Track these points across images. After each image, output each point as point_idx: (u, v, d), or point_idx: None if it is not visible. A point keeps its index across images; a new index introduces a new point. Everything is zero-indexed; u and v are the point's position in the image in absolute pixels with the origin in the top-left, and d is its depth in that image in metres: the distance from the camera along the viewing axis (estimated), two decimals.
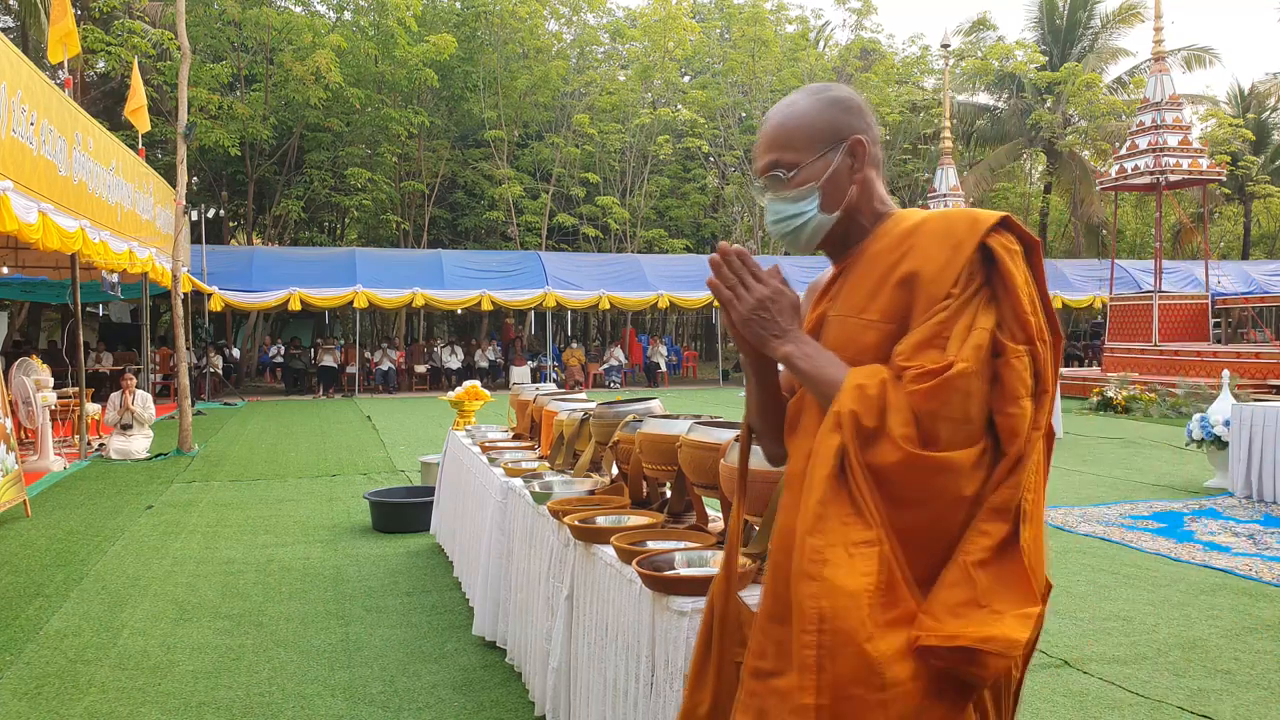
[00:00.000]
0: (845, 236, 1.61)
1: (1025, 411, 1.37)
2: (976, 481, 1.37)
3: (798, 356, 1.51)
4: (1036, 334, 1.39)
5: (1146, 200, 31.65)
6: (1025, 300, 1.40)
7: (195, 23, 21.66)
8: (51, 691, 3.82)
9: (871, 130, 1.57)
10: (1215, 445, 8.22)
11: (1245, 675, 3.84)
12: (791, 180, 1.58)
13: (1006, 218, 1.46)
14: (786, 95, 1.64)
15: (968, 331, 1.39)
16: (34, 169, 8.22)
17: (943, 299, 1.41)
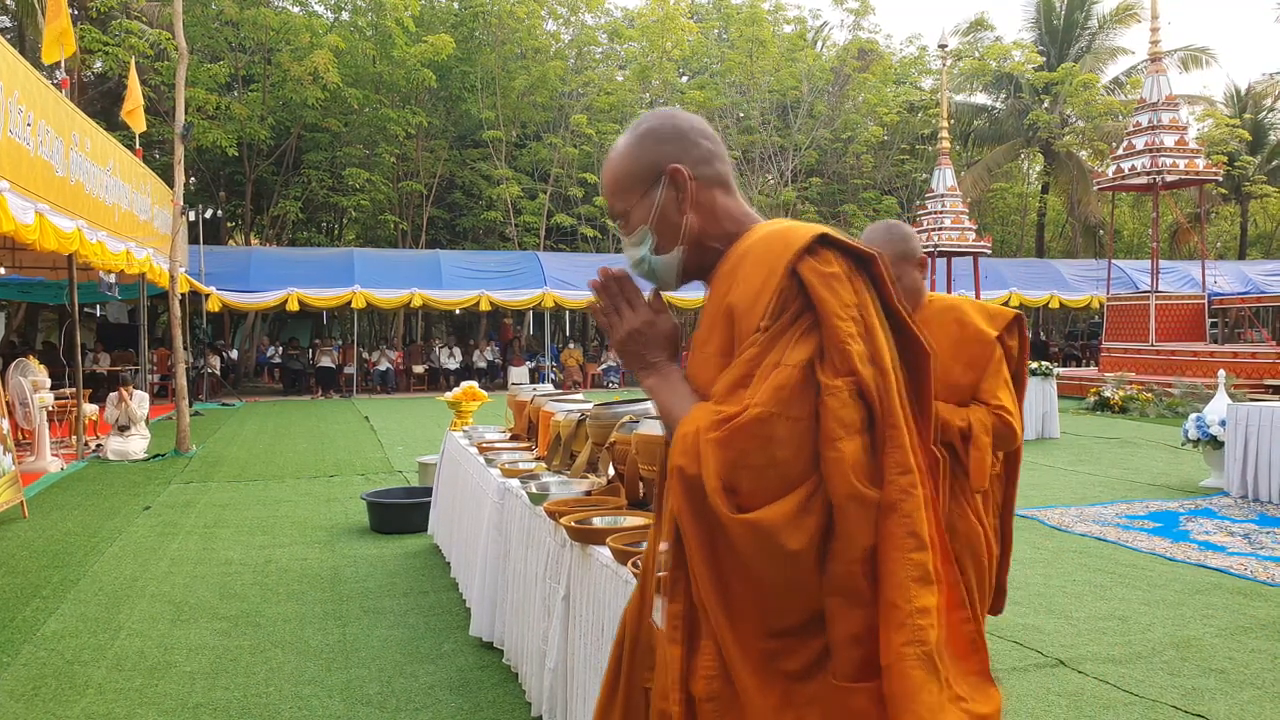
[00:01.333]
0: (706, 266, 1.49)
1: (844, 455, 1.22)
2: (805, 532, 1.23)
3: (656, 390, 1.45)
4: (861, 361, 1.25)
5: (1144, 200, 31.69)
6: (843, 327, 1.25)
7: (193, 23, 21.63)
8: (49, 692, 3.82)
9: (693, 152, 1.46)
10: (1211, 445, 8.24)
11: (1240, 674, 3.85)
12: (625, 227, 1.52)
13: (823, 235, 1.32)
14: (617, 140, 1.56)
15: (772, 369, 1.26)
16: (31, 169, 8.22)
17: (753, 333, 1.30)
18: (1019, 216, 36.38)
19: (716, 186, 1.48)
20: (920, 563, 1.21)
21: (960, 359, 2.53)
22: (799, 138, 29.30)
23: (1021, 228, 36.28)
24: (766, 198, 29.07)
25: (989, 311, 2.60)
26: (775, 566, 1.24)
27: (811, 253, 1.31)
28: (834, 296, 1.27)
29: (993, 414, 2.48)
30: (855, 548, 1.23)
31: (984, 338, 2.55)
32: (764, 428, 1.24)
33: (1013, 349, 2.61)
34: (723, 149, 1.52)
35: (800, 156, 29.40)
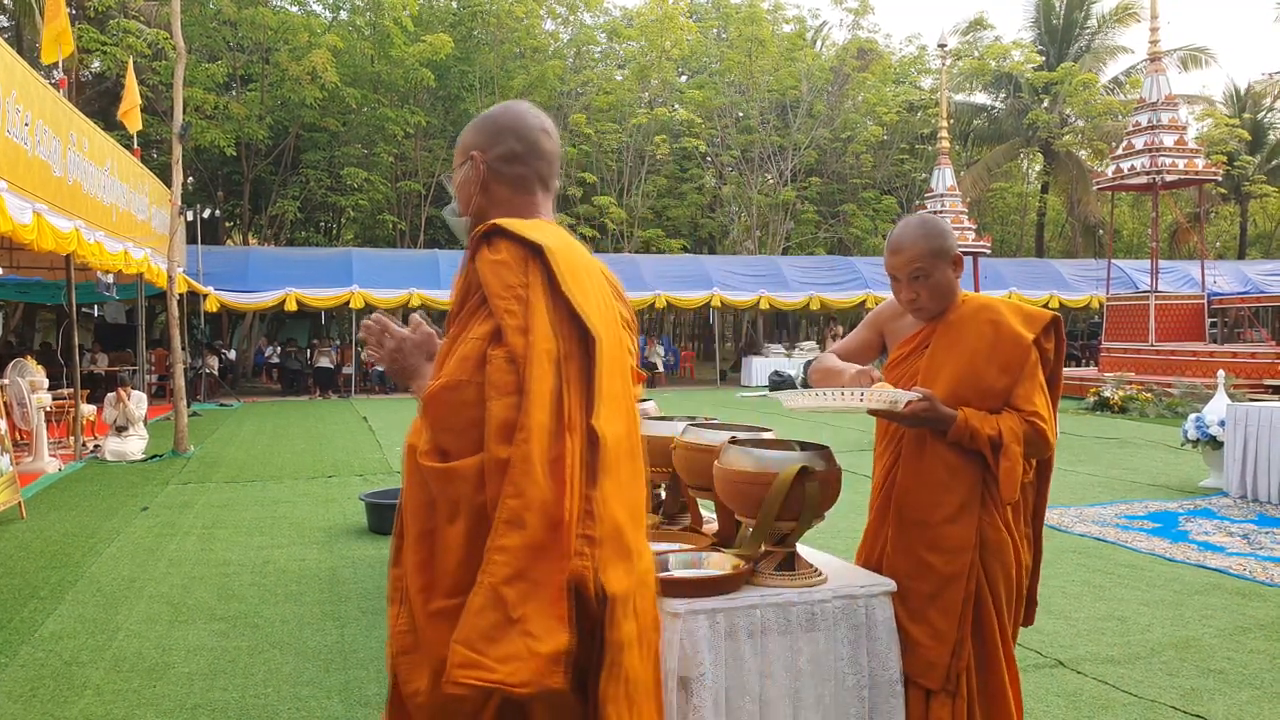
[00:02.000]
0: None
1: (492, 414, 1.42)
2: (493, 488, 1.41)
3: (414, 391, 1.70)
4: (514, 334, 1.44)
5: (1143, 200, 31.71)
6: (501, 304, 1.46)
7: (190, 22, 21.62)
8: (46, 694, 3.81)
9: (497, 148, 1.70)
10: (1210, 445, 8.24)
11: (1238, 675, 3.85)
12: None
13: (496, 226, 1.53)
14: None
15: (461, 344, 1.49)
16: (28, 169, 8.21)
17: (458, 313, 1.55)
18: (1018, 216, 36.41)
19: (507, 183, 1.71)
20: (511, 508, 1.38)
21: (995, 362, 2.41)
22: (798, 137, 29.31)
23: (1021, 227, 36.31)
24: (766, 197, 29.08)
25: (1025, 313, 2.49)
26: (473, 518, 1.42)
27: (487, 243, 1.53)
28: (497, 279, 1.48)
29: (1025, 421, 2.37)
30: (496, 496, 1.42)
31: (1020, 341, 2.42)
32: (454, 393, 1.45)
33: (1049, 352, 2.50)
34: (541, 158, 1.72)
35: (800, 156, 29.41)
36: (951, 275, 2.50)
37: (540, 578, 1.39)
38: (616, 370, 1.54)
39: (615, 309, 1.67)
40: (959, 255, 2.53)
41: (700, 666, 2.10)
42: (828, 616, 2.23)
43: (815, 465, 2.23)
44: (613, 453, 1.48)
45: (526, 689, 1.35)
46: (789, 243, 29.95)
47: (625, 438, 1.55)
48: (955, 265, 2.51)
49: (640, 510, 1.61)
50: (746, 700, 2.14)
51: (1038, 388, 2.41)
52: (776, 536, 2.29)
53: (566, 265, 1.51)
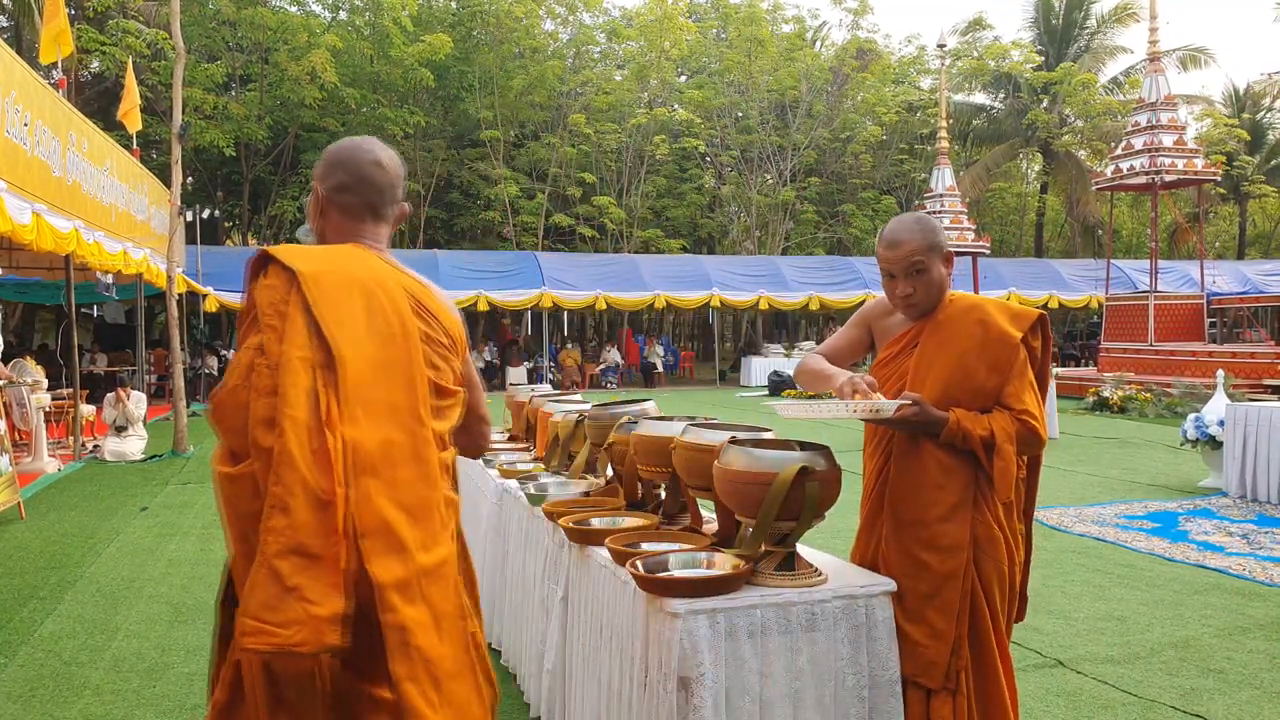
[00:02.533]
0: None
1: (254, 412, 1.62)
2: None
3: None
4: (272, 343, 1.65)
5: (1142, 200, 31.71)
6: (265, 320, 1.68)
7: (190, 22, 21.62)
8: (46, 694, 3.81)
9: (329, 179, 1.96)
10: (1210, 445, 8.24)
11: (1238, 675, 3.85)
12: None
13: (265, 254, 1.74)
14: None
15: (239, 353, 1.71)
16: (28, 170, 8.20)
17: (241, 330, 1.78)
18: (1018, 216, 36.42)
19: (338, 210, 1.96)
20: (276, 494, 1.55)
21: (984, 361, 2.42)
22: (798, 137, 29.31)
23: (1020, 227, 36.32)
24: (765, 197, 29.08)
25: (1012, 312, 2.51)
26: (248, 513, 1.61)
27: (262, 269, 1.74)
28: (265, 299, 1.70)
29: (1017, 419, 2.39)
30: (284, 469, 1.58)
31: (1008, 339, 2.43)
32: (233, 396, 1.66)
33: (1036, 349, 2.51)
34: (369, 188, 1.97)
35: (799, 156, 29.41)
36: (944, 272, 2.51)
37: (313, 552, 1.54)
38: (382, 381, 1.70)
39: (407, 325, 1.79)
40: (950, 253, 2.54)
41: (700, 666, 2.10)
42: (828, 616, 2.23)
43: (815, 465, 2.23)
44: (374, 456, 1.64)
45: (307, 648, 1.50)
46: (788, 243, 29.95)
47: (396, 444, 1.69)
48: (947, 262, 2.52)
49: (425, 509, 1.72)
50: (746, 700, 2.14)
51: (1027, 385, 2.41)
52: (776, 536, 2.29)
53: (323, 289, 1.70)
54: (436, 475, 1.76)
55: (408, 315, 1.79)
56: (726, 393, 21.75)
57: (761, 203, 29.04)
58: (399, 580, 1.61)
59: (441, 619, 1.71)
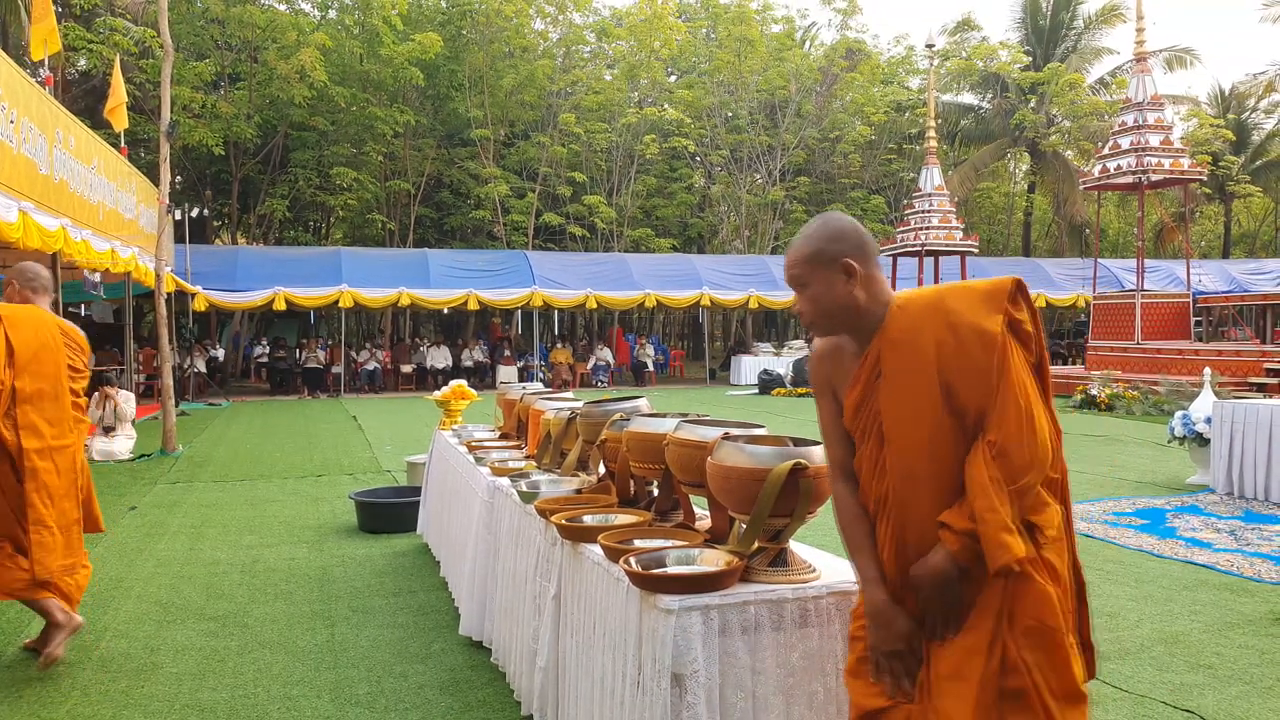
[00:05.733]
0: None
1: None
2: None
3: None
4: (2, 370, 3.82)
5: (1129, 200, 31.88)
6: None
7: (178, 20, 21.51)
8: (33, 695, 3.78)
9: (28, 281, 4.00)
10: (1197, 442, 8.29)
11: (1227, 670, 3.87)
12: None
13: None
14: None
15: None
16: (14, 167, 8.15)
17: None
18: (1005, 215, 36.57)
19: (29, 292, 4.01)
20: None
21: (965, 378, 1.87)
22: (787, 137, 29.36)
23: (1008, 227, 36.47)
24: (755, 197, 29.12)
25: (979, 293, 1.94)
26: None
27: None
28: None
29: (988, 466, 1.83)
30: None
31: (987, 337, 1.87)
32: None
33: (1024, 324, 1.93)
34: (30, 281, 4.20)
35: (788, 156, 29.46)
36: (841, 287, 1.98)
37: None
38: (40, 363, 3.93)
39: (56, 338, 4.06)
40: (849, 263, 1.97)
41: (694, 663, 2.10)
42: (821, 613, 2.23)
43: (809, 461, 2.23)
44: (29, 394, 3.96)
45: None
46: (778, 242, 30.00)
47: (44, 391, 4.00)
48: (847, 273, 1.98)
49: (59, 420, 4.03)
50: (740, 697, 2.14)
51: (1010, 397, 1.86)
52: (770, 533, 2.29)
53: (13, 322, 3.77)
54: (68, 406, 4.08)
55: (57, 334, 4.09)
56: (716, 391, 21.77)
57: (751, 202, 29.07)
58: (37, 449, 3.93)
59: (61, 471, 4.00)
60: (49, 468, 3.92)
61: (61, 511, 3.96)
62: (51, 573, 3.90)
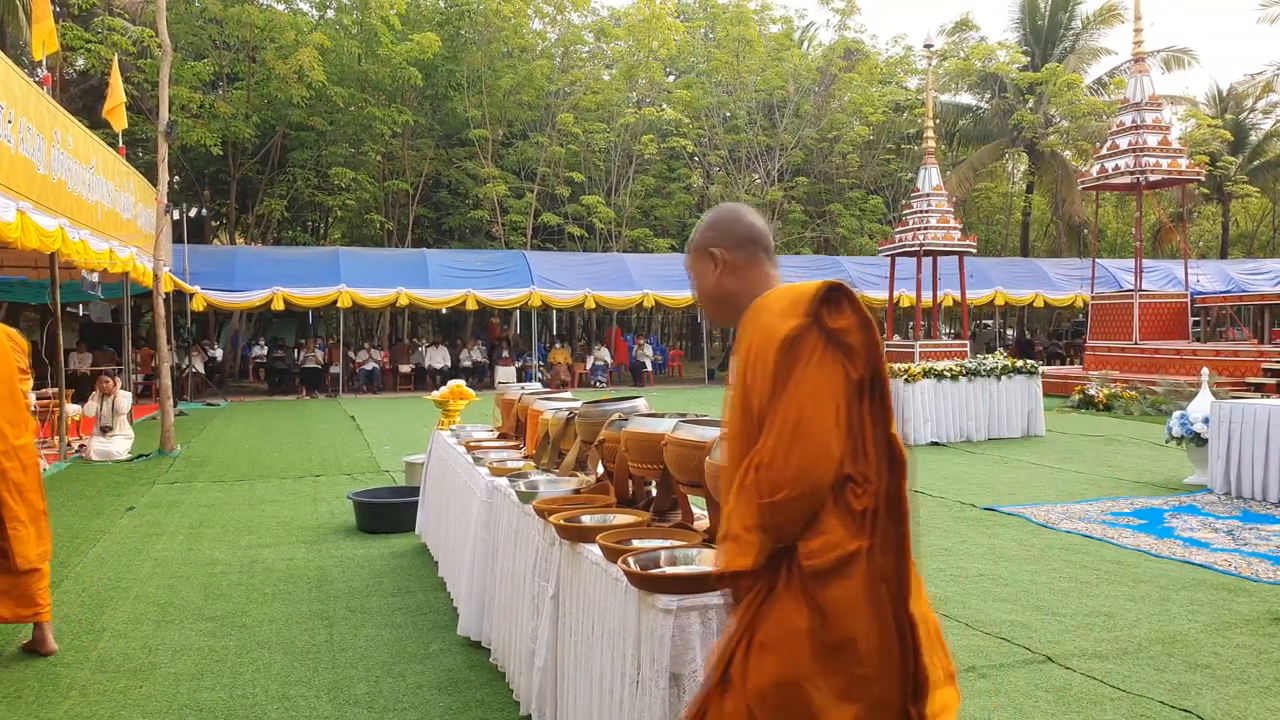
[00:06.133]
0: None
1: None
2: None
3: None
4: None
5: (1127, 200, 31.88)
6: None
7: (176, 20, 21.47)
8: (31, 694, 3.78)
9: None
10: (1195, 442, 8.30)
11: (1225, 669, 3.88)
12: None
13: None
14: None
15: None
16: (11, 167, 8.14)
17: None
18: (1004, 216, 36.58)
19: None
20: None
21: (758, 382, 1.74)
22: (785, 137, 29.36)
23: (1006, 227, 36.48)
24: (753, 197, 29.11)
25: (792, 294, 1.77)
26: None
27: None
28: None
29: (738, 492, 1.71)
30: None
31: (772, 340, 1.72)
32: None
33: (843, 333, 1.72)
34: None
35: (786, 156, 29.46)
36: (710, 276, 1.95)
37: None
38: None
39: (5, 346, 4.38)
40: (714, 251, 1.95)
41: (692, 663, 2.10)
42: None
43: None
44: None
45: None
46: (776, 242, 29.67)
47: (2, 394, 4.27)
48: (714, 263, 1.95)
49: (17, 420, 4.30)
50: None
51: (782, 407, 1.69)
52: None
53: None
54: (23, 406, 4.39)
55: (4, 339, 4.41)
56: (715, 391, 21.77)
57: (749, 202, 29.07)
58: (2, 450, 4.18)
59: (26, 468, 4.28)
60: (15, 466, 4.22)
61: (29, 504, 4.27)
62: (30, 561, 4.19)
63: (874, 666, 1.68)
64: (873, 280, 24.24)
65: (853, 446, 1.70)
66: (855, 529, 1.70)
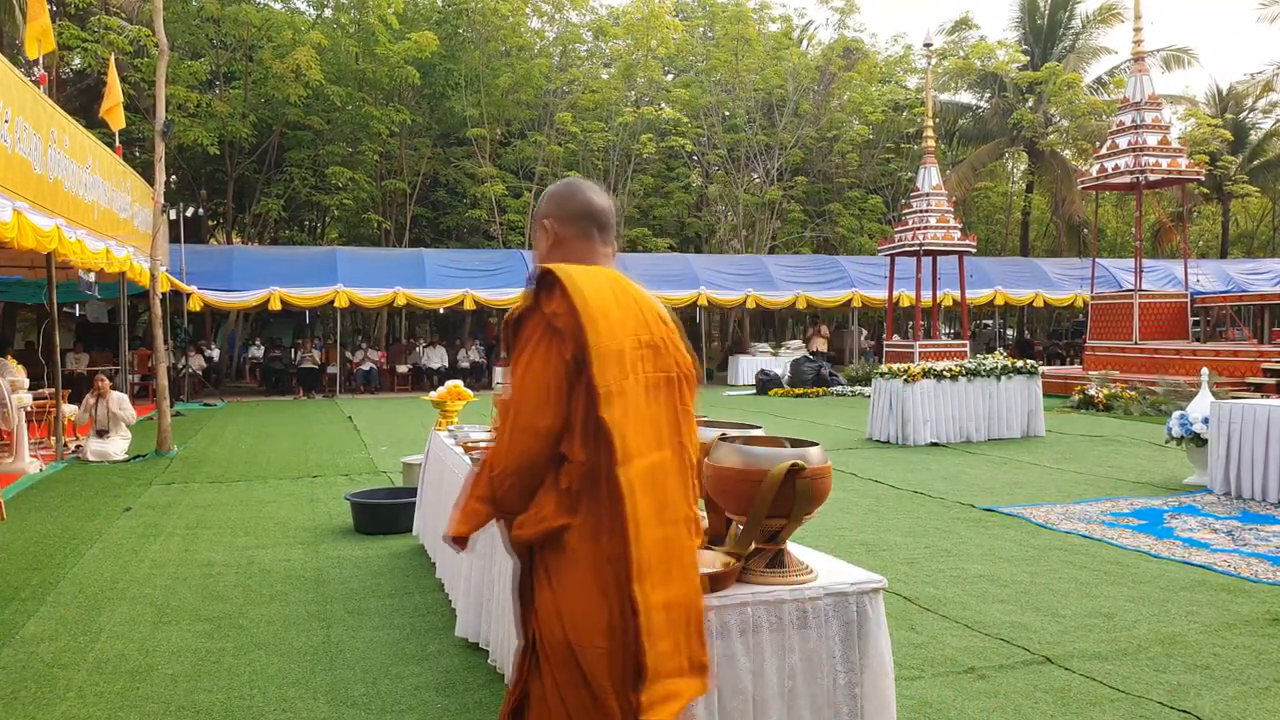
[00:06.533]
0: None
1: None
2: None
3: None
4: None
5: (1127, 199, 31.91)
6: None
7: (173, 19, 21.45)
8: (28, 696, 3.76)
9: None
10: (1194, 443, 8.29)
11: (1224, 670, 3.87)
12: None
13: None
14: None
15: None
16: (8, 167, 8.12)
17: None
18: (1003, 215, 36.58)
19: None
20: None
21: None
22: (784, 136, 29.34)
23: (1006, 226, 36.48)
24: (752, 196, 29.10)
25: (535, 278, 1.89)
26: None
27: None
28: None
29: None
30: None
31: (507, 323, 1.89)
32: None
33: (556, 317, 1.80)
34: None
35: (786, 155, 29.44)
36: (542, 244, 2.02)
37: None
38: None
39: None
40: (544, 221, 2.04)
41: None
42: (819, 614, 2.22)
43: (806, 462, 2.22)
44: None
45: None
46: (775, 242, 29.99)
47: None
48: (544, 234, 2.03)
49: None
50: (738, 698, 2.13)
51: (506, 392, 1.81)
52: (767, 534, 2.28)
53: None
54: None
55: None
56: (714, 391, 21.75)
57: (748, 202, 29.06)
58: None
59: None
60: None
61: None
62: None
63: (606, 642, 1.74)
64: (872, 280, 24.22)
65: (565, 427, 1.77)
66: (563, 506, 1.77)
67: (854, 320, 26.50)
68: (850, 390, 19.77)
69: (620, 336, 1.80)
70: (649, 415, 1.82)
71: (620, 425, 1.75)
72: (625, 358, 1.80)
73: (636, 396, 1.81)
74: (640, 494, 1.76)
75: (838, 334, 28.69)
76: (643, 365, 1.85)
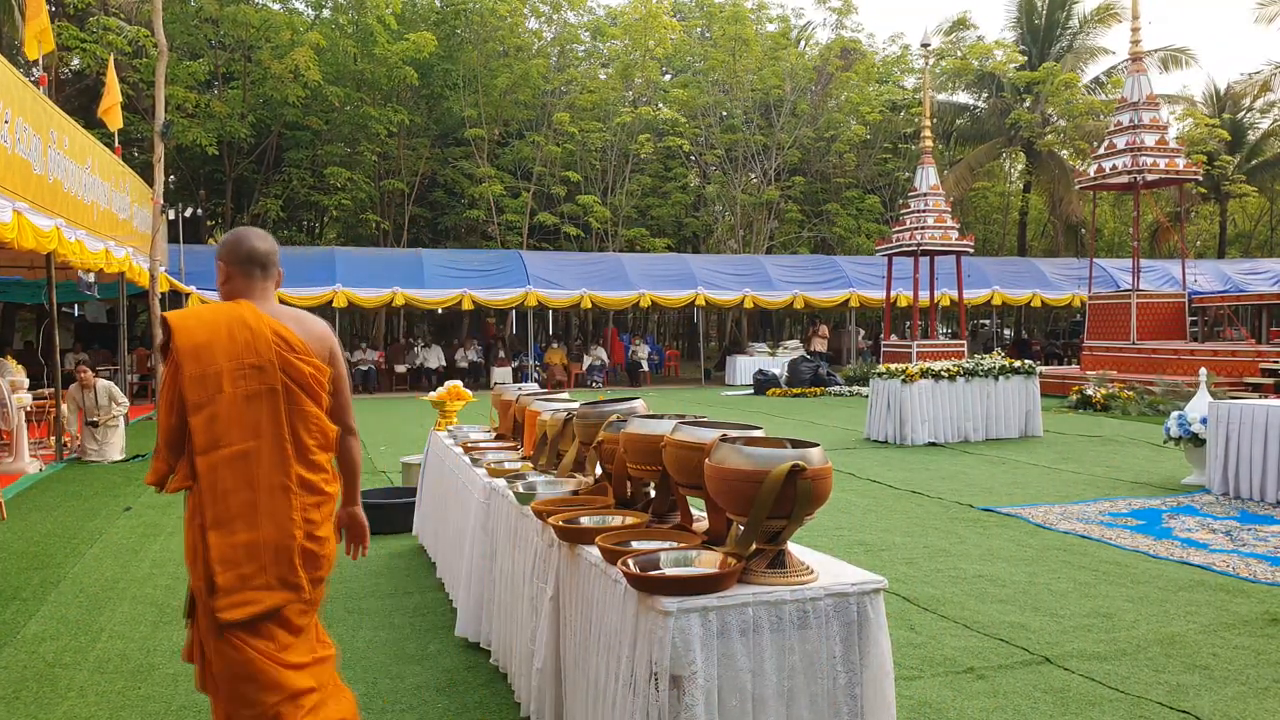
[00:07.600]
0: None
1: None
2: None
3: None
4: None
5: (1124, 199, 31.95)
6: None
7: (172, 19, 21.45)
8: (29, 696, 3.77)
9: None
10: (1193, 443, 8.30)
11: (1223, 670, 3.88)
12: None
13: None
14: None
15: None
16: (8, 167, 8.12)
17: None
18: (1001, 215, 36.62)
19: None
20: None
21: None
22: (782, 136, 29.36)
23: (1004, 226, 36.52)
24: (750, 196, 29.12)
25: None
26: None
27: None
28: None
29: None
30: None
31: None
32: None
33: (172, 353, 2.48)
34: None
35: (783, 155, 29.46)
36: (219, 279, 2.74)
37: None
38: None
39: None
40: (219, 263, 2.74)
41: (692, 665, 2.09)
42: (820, 614, 2.23)
43: (807, 462, 2.23)
44: None
45: None
46: (773, 242, 30.01)
47: None
48: (220, 272, 2.75)
49: None
50: (738, 699, 2.14)
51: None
52: (768, 534, 2.29)
53: None
54: None
55: None
56: (712, 391, 21.77)
57: (746, 202, 29.08)
58: None
59: None
60: None
61: None
62: None
63: (190, 566, 2.48)
64: (870, 280, 24.24)
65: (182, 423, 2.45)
66: (186, 474, 2.47)
67: (851, 320, 26.52)
68: (848, 390, 19.79)
69: (219, 362, 2.43)
70: (245, 417, 2.44)
71: (204, 427, 2.40)
72: (223, 378, 2.43)
73: (232, 404, 2.43)
74: (222, 470, 2.41)
75: (835, 334, 28.71)
76: (245, 381, 2.45)
